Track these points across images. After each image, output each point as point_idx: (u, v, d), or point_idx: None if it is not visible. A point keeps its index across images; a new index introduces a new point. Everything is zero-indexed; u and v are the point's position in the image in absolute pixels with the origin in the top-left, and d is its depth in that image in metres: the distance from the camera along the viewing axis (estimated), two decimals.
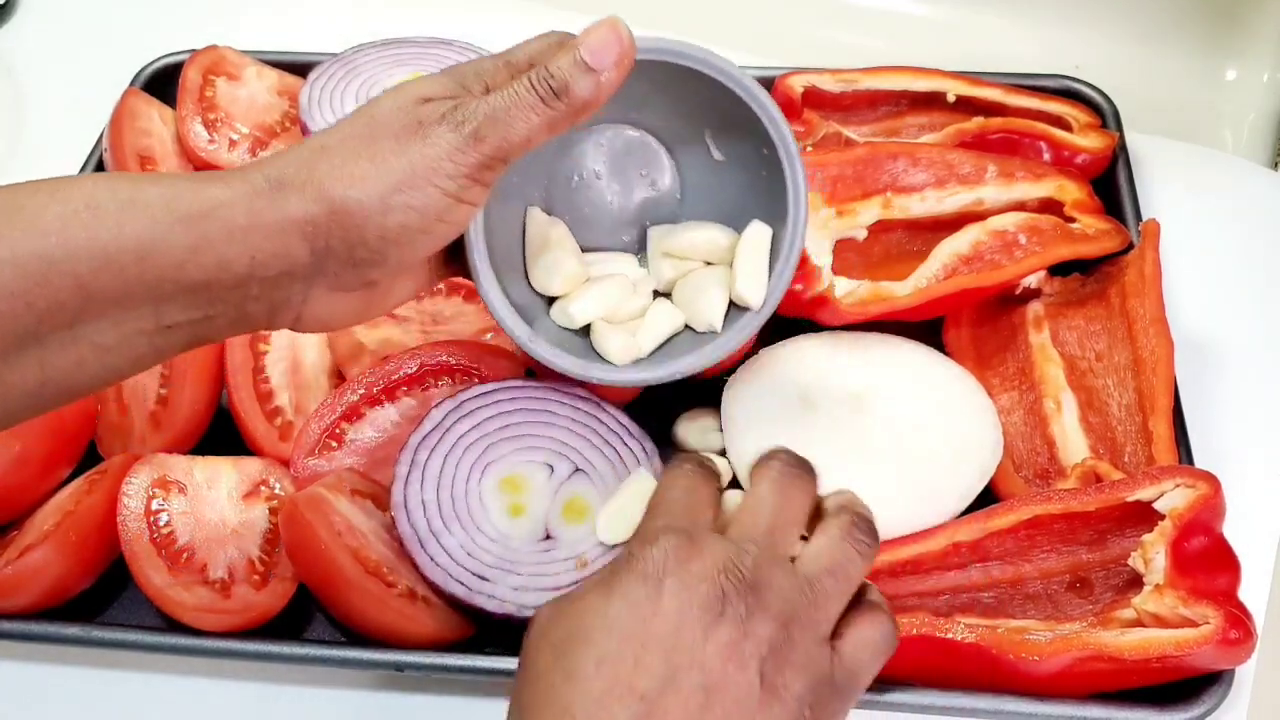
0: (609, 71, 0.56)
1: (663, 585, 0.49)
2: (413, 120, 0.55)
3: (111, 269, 0.52)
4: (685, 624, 0.48)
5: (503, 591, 0.66)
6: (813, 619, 0.51)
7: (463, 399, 0.72)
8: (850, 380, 0.76)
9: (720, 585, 0.49)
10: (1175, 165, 0.93)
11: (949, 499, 0.72)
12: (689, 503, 0.55)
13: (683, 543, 0.50)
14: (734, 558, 0.50)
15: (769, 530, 0.53)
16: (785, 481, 0.55)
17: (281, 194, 0.54)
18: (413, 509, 0.68)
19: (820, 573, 0.52)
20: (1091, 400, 0.76)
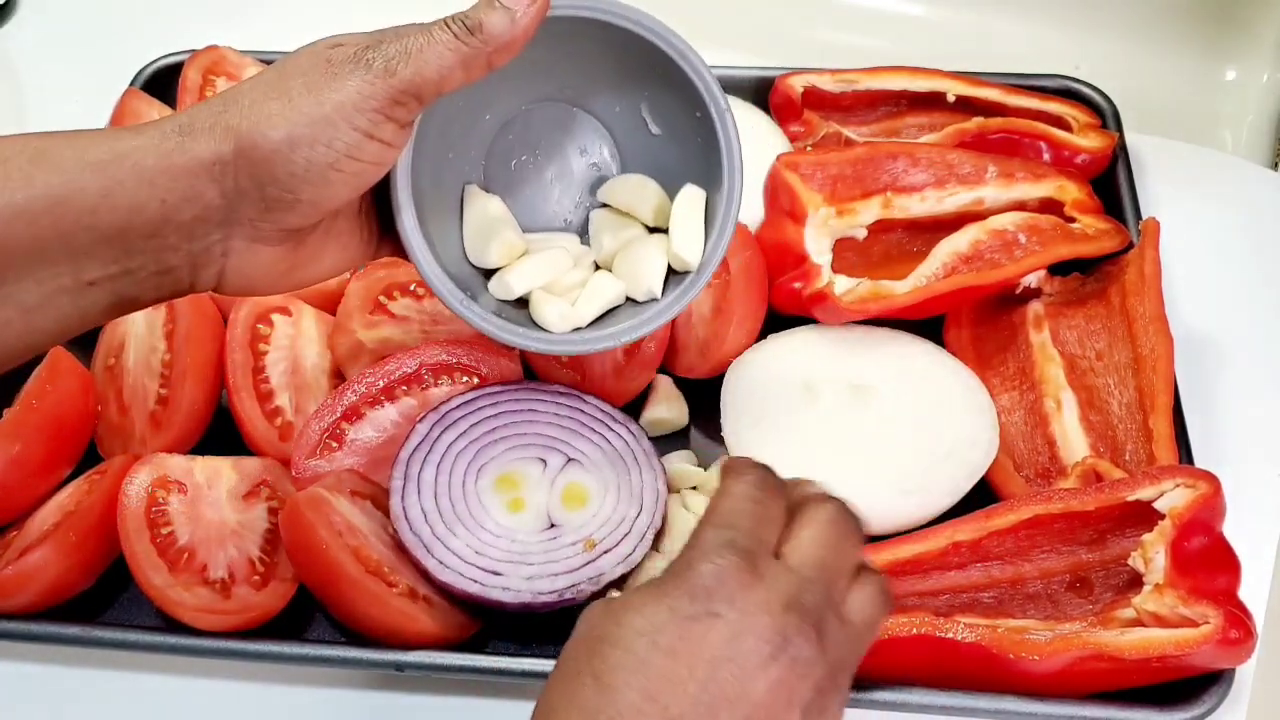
0: (524, 10, 0.56)
1: (716, 607, 0.47)
2: (322, 61, 0.55)
3: (23, 220, 0.52)
4: (737, 655, 0.46)
5: (516, 583, 0.67)
6: (854, 667, 0.50)
7: (445, 410, 0.73)
8: (852, 372, 0.76)
9: (783, 622, 0.47)
10: (1175, 165, 0.93)
11: (938, 495, 0.72)
12: (755, 517, 0.51)
13: (745, 566, 0.48)
14: (798, 595, 0.48)
15: (830, 572, 0.50)
16: (842, 527, 0.52)
17: (190, 137, 0.55)
18: (413, 518, 0.69)
19: (864, 624, 0.51)
20: (1092, 399, 0.76)
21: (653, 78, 0.64)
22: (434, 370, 0.77)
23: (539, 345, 0.65)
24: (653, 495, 0.71)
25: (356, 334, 0.80)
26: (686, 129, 0.66)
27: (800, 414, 0.75)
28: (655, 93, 0.66)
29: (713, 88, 0.63)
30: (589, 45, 0.62)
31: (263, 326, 0.80)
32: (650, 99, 0.67)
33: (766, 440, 0.74)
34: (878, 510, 0.71)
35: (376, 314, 0.81)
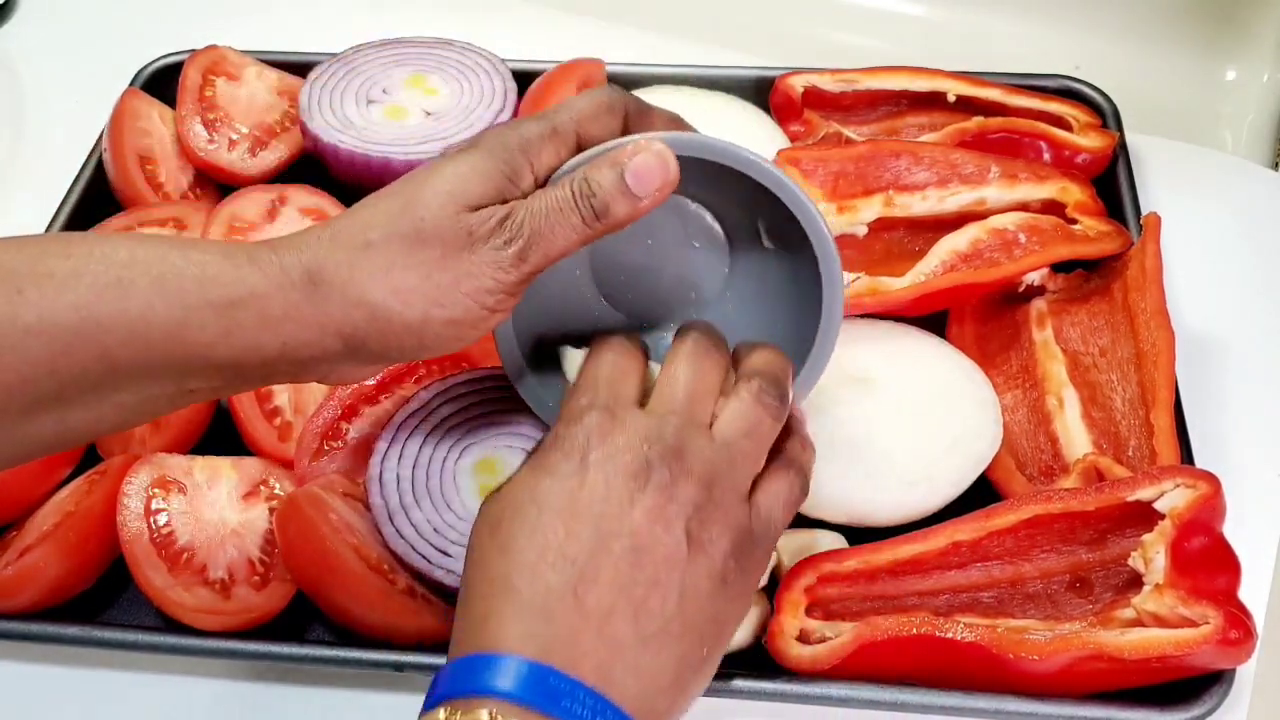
0: (650, 197, 0.56)
1: (588, 459, 0.52)
2: (462, 232, 0.54)
3: (138, 344, 0.53)
4: (612, 493, 0.51)
5: (461, 567, 0.66)
6: (732, 479, 0.54)
7: (452, 382, 0.74)
8: (857, 363, 0.77)
9: (644, 454, 0.52)
10: (1175, 165, 0.93)
11: (942, 486, 0.72)
12: (611, 377, 0.56)
13: (605, 418, 0.53)
14: (655, 427, 0.53)
15: (687, 400, 0.55)
16: (699, 354, 0.57)
17: (320, 291, 0.54)
18: (386, 482, 0.70)
19: (736, 435, 0.55)
20: (1095, 396, 0.76)
21: (770, 207, 0.62)
22: (427, 362, 0.77)
23: None
24: None
25: None
26: (797, 256, 0.63)
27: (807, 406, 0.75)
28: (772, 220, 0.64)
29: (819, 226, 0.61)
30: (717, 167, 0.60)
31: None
32: (767, 222, 0.65)
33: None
34: (883, 502, 0.72)
35: None
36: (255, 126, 0.94)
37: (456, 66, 0.95)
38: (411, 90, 0.94)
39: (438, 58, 0.96)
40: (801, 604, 0.67)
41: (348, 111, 0.91)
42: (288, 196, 0.89)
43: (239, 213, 0.88)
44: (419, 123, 0.91)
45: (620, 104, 0.59)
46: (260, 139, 0.94)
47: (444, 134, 0.90)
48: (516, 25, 1.09)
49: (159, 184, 0.92)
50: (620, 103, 0.59)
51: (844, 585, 0.68)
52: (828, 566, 0.67)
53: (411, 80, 0.94)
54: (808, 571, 0.67)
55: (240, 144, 0.93)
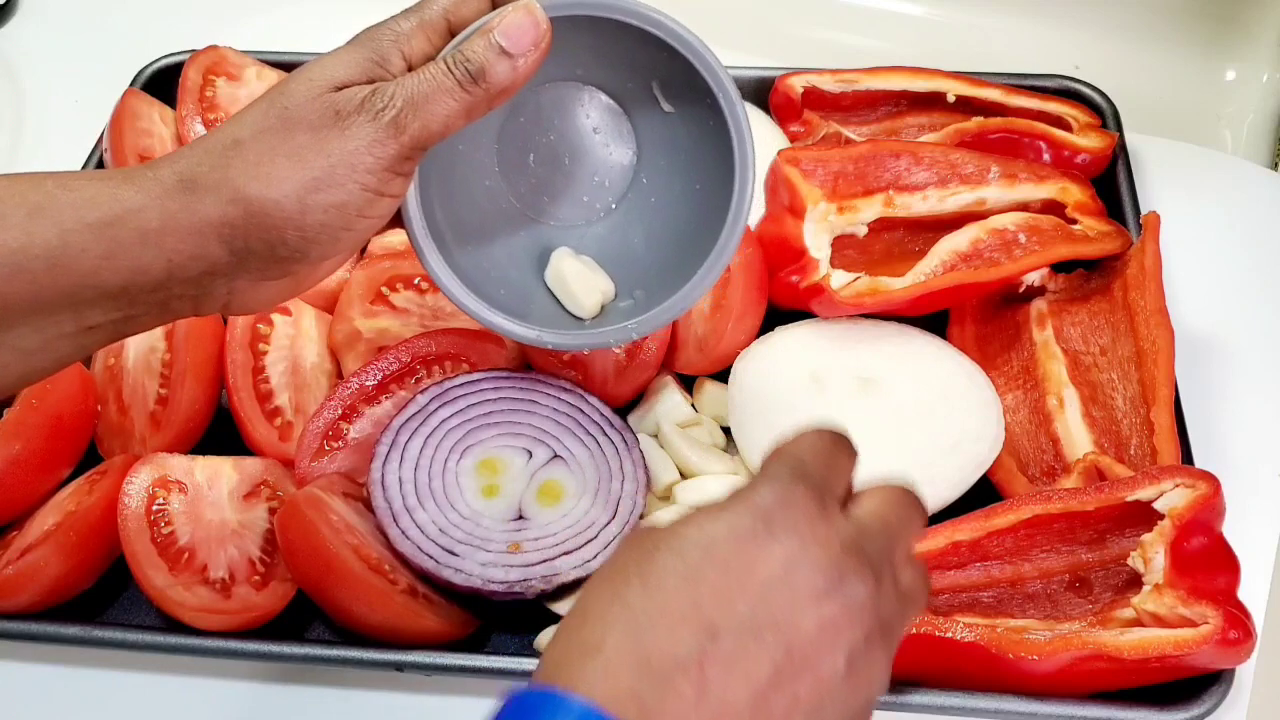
0: (526, 55, 0.55)
1: (778, 534, 0.45)
2: (329, 110, 0.53)
3: (23, 277, 0.52)
4: (791, 581, 0.44)
5: (470, 566, 0.67)
6: (902, 630, 0.49)
7: (448, 386, 0.74)
8: (859, 365, 0.77)
9: (842, 561, 0.45)
10: (1175, 165, 0.93)
11: (944, 487, 0.72)
12: (827, 460, 0.49)
13: (812, 500, 0.46)
14: (860, 541, 0.47)
15: (895, 533, 0.49)
16: (910, 500, 0.52)
17: (194, 194, 0.53)
18: (389, 485, 0.70)
19: (916, 593, 0.50)
20: (1095, 395, 0.76)
21: (663, 61, 0.63)
22: (425, 362, 0.77)
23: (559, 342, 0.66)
24: (629, 506, 0.71)
25: (354, 322, 0.80)
26: (699, 110, 0.65)
27: (807, 406, 0.75)
28: (667, 75, 0.65)
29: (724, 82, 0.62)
30: (598, 33, 0.62)
31: (263, 326, 0.80)
32: (662, 80, 0.66)
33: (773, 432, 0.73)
34: None
35: (377, 304, 0.81)
36: None
37: None
38: None
39: None
40: None
41: None
42: None
43: None
44: None
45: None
46: None
47: None
48: None
49: None
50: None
51: None
52: None
53: None
54: None
55: None
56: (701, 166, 0.66)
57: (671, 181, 0.69)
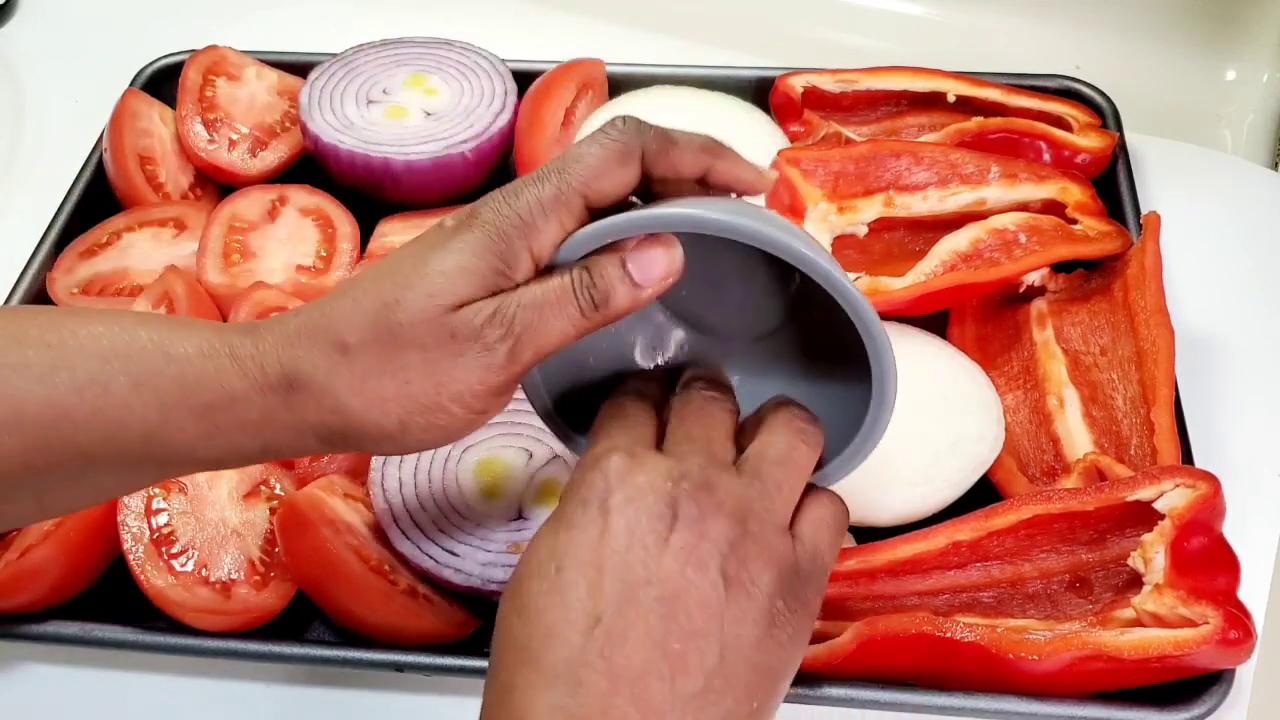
0: (653, 287, 0.52)
1: (608, 504, 0.48)
2: (445, 333, 0.50)
3: (115, 444, 0.51)
4: (636, 539, 0.47)
5: (470, 566, 0.67)
6: (769, 510, 0.49)
7: None
8: None
9: (668, 492, 0.48)
10: (1175, 165, 0.93)
11: (944, 487, 0.72)
12: (627, 423, 0.53)
13: (623, 460, 0.49)
14: (677, 465, 0.49)
15: (706, 439, 0.52)
16: (705, 402, 0.54)
17: (298, 397, 0.51)
18: (389, 485, 0.70)
19: (768, 464, 0.51)
20: (1096, 395, 0.76)
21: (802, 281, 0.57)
22: None
23: None
24: None
25: None
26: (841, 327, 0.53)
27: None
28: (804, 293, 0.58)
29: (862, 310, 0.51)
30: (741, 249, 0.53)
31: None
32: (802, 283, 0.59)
33: None
34: (884, 502, 0.72)
35: None
36: (255, 127, 0.94)
37: (456, 66, 0.95)
38: (411, 90, 0.94)
39: (438, 58, 0.96)
40: None
41: (348, 112, 0.91)
42: (288, 197, 0.89)
43: (239, 213, 0.88)
44: (419, 123, 0.91)
45: (635, 148, 0.52)
46: (260, 139, 0.94)
47: (444, 134, 0.90)
48: (516, 25, 1.09)
49: (159, 184, 0.92)
50: (635, 147, 0.52)
51: (844, 585, 0.68)
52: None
53: (411, 80, 0.94)
54: None
55: (240, 144, 0.93)
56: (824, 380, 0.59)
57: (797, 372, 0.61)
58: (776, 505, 0.50)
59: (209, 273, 0.84)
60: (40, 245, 0.88)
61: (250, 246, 0.86)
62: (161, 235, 0.89)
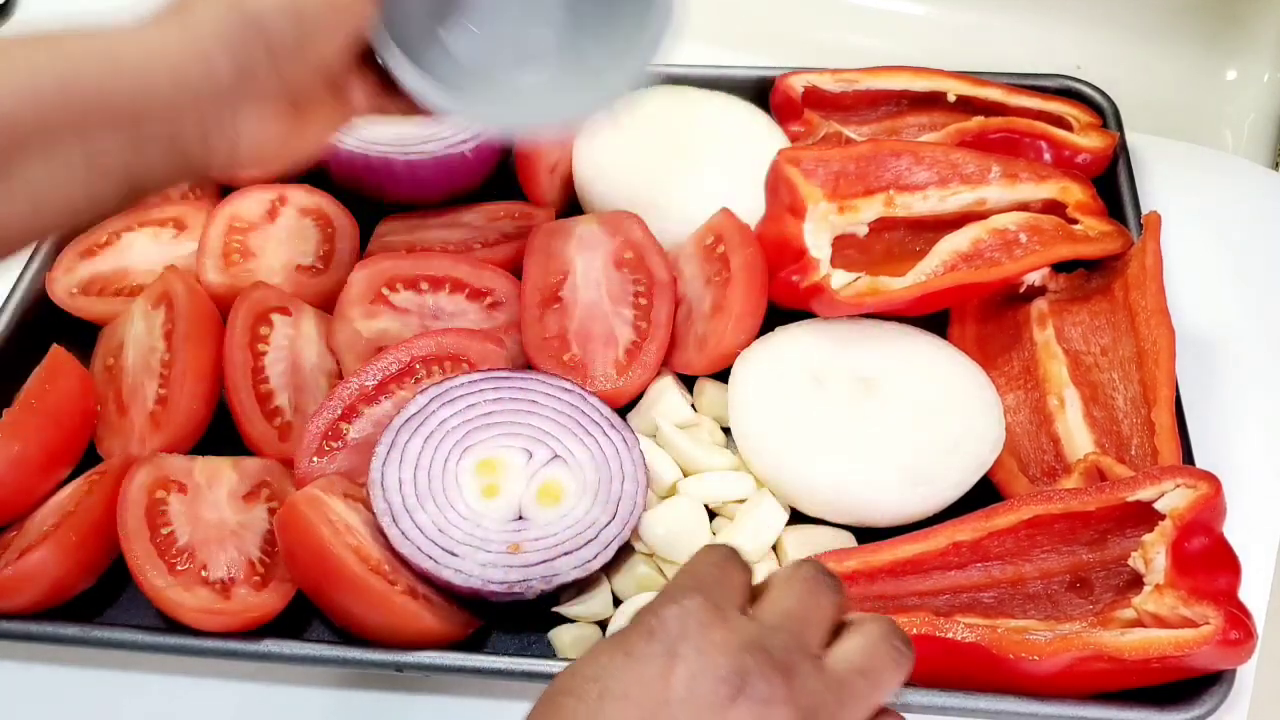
0: None
1: (677, 649, 0.44)
2: None
3: (30, 100, 0.52)
4: (695, 695, 0.43)
5: (470, 567, 0.67)
6: (842, 713, 0.46)
7: (448, 386, 0.74)
8: (862, 364, 0.77)
9: (742, 662, 0.44)
10: (1175, 165, 0.93)
11: (945, 488, 0.72)
12: (720, 576, 0.49)
13: (707, 609, 0.46)
14: (761, 637, 0.46)
15: (800, 621, 0.48)
16: (816, 583, 0.50)
17: (190, 11, 0.56)
18: (388, 486, 0.70)
19: (852, 672, 0.47)
20: (1096, 395, 0.76)
21: None
22: (425, 362, 0.77)
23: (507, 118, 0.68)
24: (629, 507, 0.71)
25: (354, 323, 0.81)
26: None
27: (808, 406, 0.75)
28: None
29: None
30: None
31: (262, 327, 0.80)
32: None
33: (774, 432, 0.74)
34: (884, 502, 0.72)
35: (377, 304, 0.82)
36: None
37: None
38: None
39: None
40: None
41: None
42: (288, 197, 0.89)
43: (239, 213, 0.88)
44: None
45: None
46: None
47: (444, 134, 0.90)
48: None
49: None
50: None
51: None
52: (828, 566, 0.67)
53: None
54: None
55: None
56: None
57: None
58: (845, 716, 0.46)
59: (209, 272, 0.84)
60: (39, 245, 0.88)
61: (250, 246, 0.86)
62: (161, 235, 0.89)
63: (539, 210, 0.89)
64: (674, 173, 0.88)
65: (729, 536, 0.71)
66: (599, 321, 0.80)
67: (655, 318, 0.80)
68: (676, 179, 0.88)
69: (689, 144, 0.90)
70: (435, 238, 0.88)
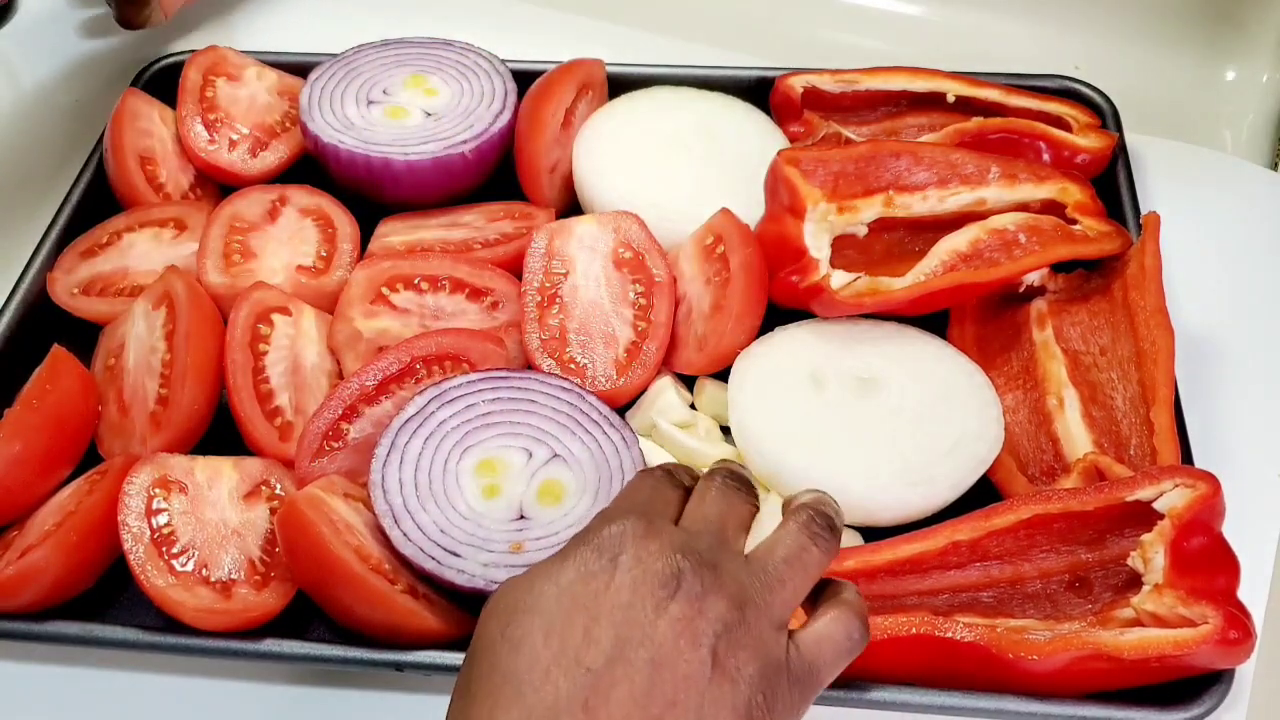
0: None
1: (619, 559, 0.50)
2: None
3: None
4: (638, 598, 0.48)
5: (472, 567, 0.67)
6: (768, 603, 0.51)
7: (447, 386, 0.74)
8: (861, 364, 0.77)
9: (676, 562, 0.49)
10: (1175, 165, 0.93)
11: (944, 488, 0.72)
12: (652, 498, 0.55)
13: (641, 524, 0.51)
14: (689, 541, 0.51)
15: (720, 524, 0.54)
16: (730, 490, 0.56)
17: None
18: (389, 488, 0.70)
19: (776, 560, 0.52)
20: (1095, 395, 0.76)
21: None
22: (425, 362, 0.77)
23: None
24: None
25: (355, 322, 0.81)
26: None
27: (807, 406, 0.75)
28: None
29: None
30: None
31: (263, 326, 0.80)
32: None
33: (773, 431, 0.74)
34: (883, 502, 0.72)
35: (377, 304, 0.82)
36: (256, 127, 0.94)
37: (457, 67, 0.95)
38: (412, 91, 0.94)
39: (438, 58, 0.96)
40: None
41: (348, 112, 0.91)
42: (288, 197, 0.89)
43: (240, 213, 0.88)
44: (419, 123, 0.91)
45: None
46: (261, 139, 0.94)
47: (444, 134, 0.90)
48: (516, 25, 1.09)
49: (159, 184, 0.92)
50: None
51: None
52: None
53: (412, 81, 0.94)
54: None
55: (241, 144, 0.93)
56: None
57: None
58: (775, 601, 0.51)
59: (209, 273, 0.84)
60: (40, 245, 0.88)
61: (250, 247, 0.86)
62: (162, 235, 0.89)
63: (539, 210, 0.89)
64: (674, 173, 0.88)
65: None
66: (599, 321, 0.80)
67: (655, 317, 0.80)
68: (676, 179, 0.88)
69: (689, 144, 0.90)
70: (435, 238, 0.88)
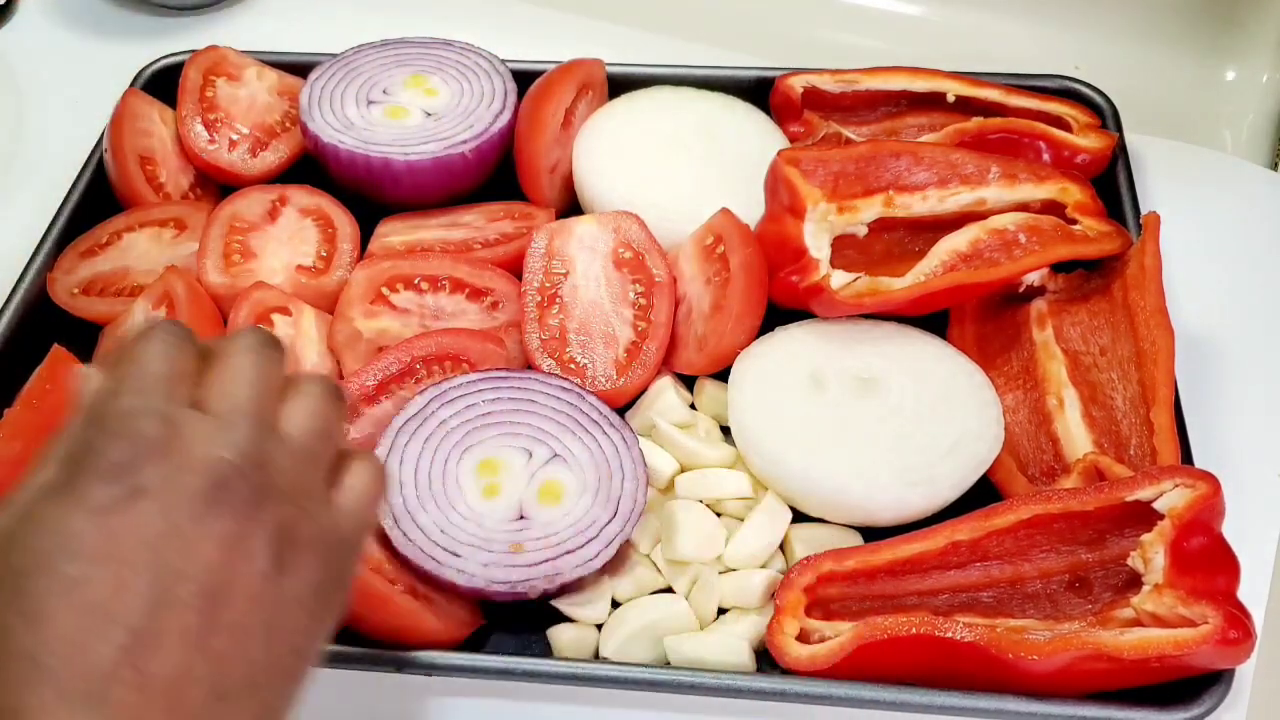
0: None
1: (140, 482, 0.41)
2: None
3: None
4: (173, 526, 0.41)
5: (472, 567, 0.67)
6: (317, 484, 0.46)
7: (447, 386, 0.74)
8: (861, 364, 0.77)
9: (214, 471, 0.42)
10: (1175, 165, 0.93)
11: (944, 488, 0.72)
12: (163, 375, 0.45)
13: (157, 426, 0.42)
14: (225, 435, 0.43)
15: (256, 400, 0.46)
16: (261, 356, 0.48)
17: None
18: (389, 488, 0.70)
19: (310, 436, 0.47)
20: (1095, 395, 0.76)
21: None
22: (425, 362, 0.77)
23: None
24: (630, 504, 0.71)
25: (355, 322, 0.81)
26: None
27: (807, 406, 0.75)
28: None
29: None
30: None
31: (263, 326, 0.80)
32: None
33: (773, 431, 0.74)
34: (883, 502, 0.72)
35: (377, 304, 0.82)
36: (256, 127, 0.94)
37: (457, 67, 0.95)
38: (412, 91, 0.94)
39: (438, 58, 0.96)
40: (801, 603, 0.67)
41: (348, 112, 0.91)
42: (288, 197, 0.89)
43: (240, 213, 0.88)
44: (419, 123, 0.91)
45: None
46: (261, 139, 0.94)
47: (444, 134, 0.90)
48: (516, 25, 1.09)
49: (159, 184, 0.92)
50: None
51: (844, 585, 0.68)
52: (827, 566, 0.68)
53: (412, 81, 0.94)
54: (807, 571, 0.67)
55: (241, 144, 0.93)
56: None
57: None
58: (319, 478, 0.47)
59: (209, 273, 0.84)
60: (40, 245, 0.88)
61: (250, 247, 0.86)
62: (162, 235, 0.89)
63: (539, 210, 0.89)
64: (674, 173, 0.88)
65: (734, 540, 0.72)
66: (599, 321, 0.80)
67: (655, 317, 0.80)
68: (676, 179, 0.88)
69: (689, 144, 0.90)
70: (435, 238, 0.88)
